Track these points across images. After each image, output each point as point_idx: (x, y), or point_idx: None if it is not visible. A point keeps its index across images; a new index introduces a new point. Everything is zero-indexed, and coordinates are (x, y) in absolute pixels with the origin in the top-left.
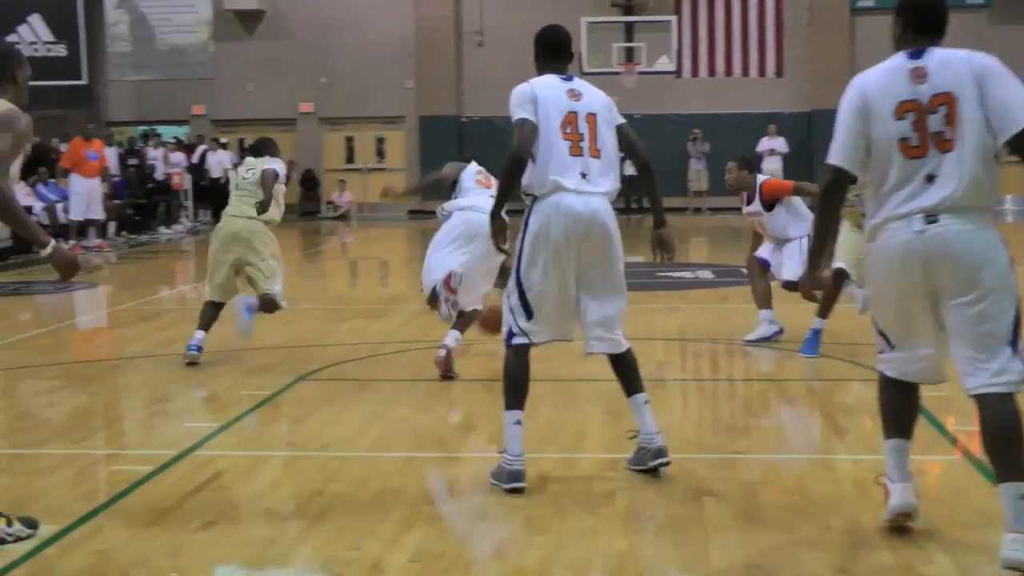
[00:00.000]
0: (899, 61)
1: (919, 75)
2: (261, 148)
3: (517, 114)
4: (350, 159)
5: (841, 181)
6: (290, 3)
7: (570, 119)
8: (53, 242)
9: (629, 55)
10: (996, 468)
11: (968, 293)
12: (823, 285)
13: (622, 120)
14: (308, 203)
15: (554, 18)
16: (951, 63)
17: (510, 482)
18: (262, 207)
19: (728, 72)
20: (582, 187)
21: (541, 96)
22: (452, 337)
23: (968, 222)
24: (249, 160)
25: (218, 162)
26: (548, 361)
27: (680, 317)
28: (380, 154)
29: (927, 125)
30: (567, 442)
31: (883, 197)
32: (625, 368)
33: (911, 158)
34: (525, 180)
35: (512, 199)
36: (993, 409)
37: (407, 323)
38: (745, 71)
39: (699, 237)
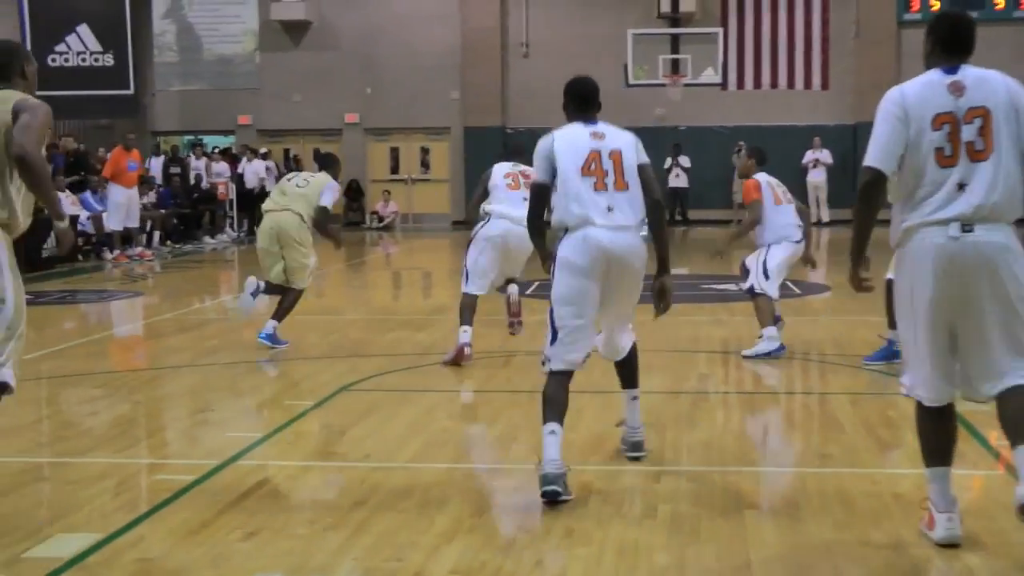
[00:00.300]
0: (936, 76)
1: (957, 88)
2: (326, 163)
3: (535, 176)
4: (395, 169)
5: (879, 182)
6: (336, 14)
7: (593, 157)
8: (68, 219)
9: (675, 67)
10: (1011, 435)
11: (998, 302)
12: (864, 287)
13: (645, 160)
14: (353, 213)
15: (600, 30)
16: (988, 80)
17: (540, 487)
18: (317, 224)
19: (774, 84)
20: (608, 220)
21: (558, 146)
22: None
23: (999, 232)
24: (306, 173)
25: (254, 172)
26: (590, 372)
27: (724, 330)
28: (425, 165)
29: (960, 136)
30: (609, 454)
31: (916, 203)
32: (624, 364)
33: (945, 167)
34: (555, 217)
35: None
36: (1020, 396)
37: (450, 334)
38: (791, 83)
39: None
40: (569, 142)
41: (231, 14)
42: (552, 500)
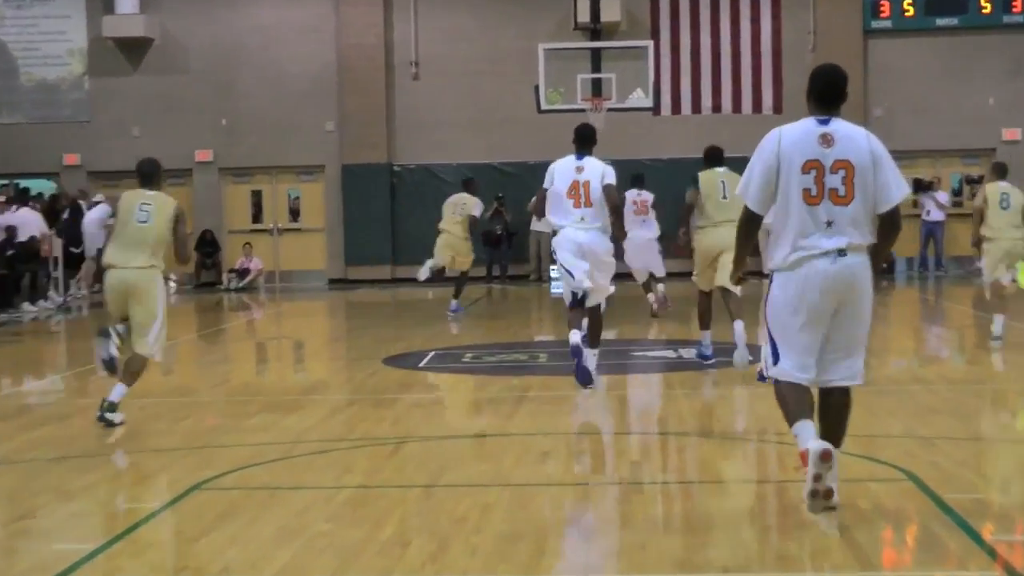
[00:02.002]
0: (811, 125)
1: (826, 140)
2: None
3: (545, 184)
4: (258, 217)
5: (756, 219)
6: (183, 29)
7: (574, 184)
8: None
9: (597, 88)
10: (825, 431)
11: (855, 309)
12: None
13: (609, 181)
14: (206, 272)
15: (506, 45)
16: (853, 137)
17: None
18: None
19: (716, 108)
20: (579, 225)
21: (558, 171)
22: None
23: (861, 256)
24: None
25: (92, 222)
26: (499, 461)
27: (663, 405)
28: (294, 212)
29: (825, 181)
30: (523, 561)
31: (793, 236)
32: (590, 320)
33: (811, 205)
34: (550, 219)
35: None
36: (835, 396)
37: (328, 418)
38: (737, 106)
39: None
40: (561, 171)
41: (53, 30)
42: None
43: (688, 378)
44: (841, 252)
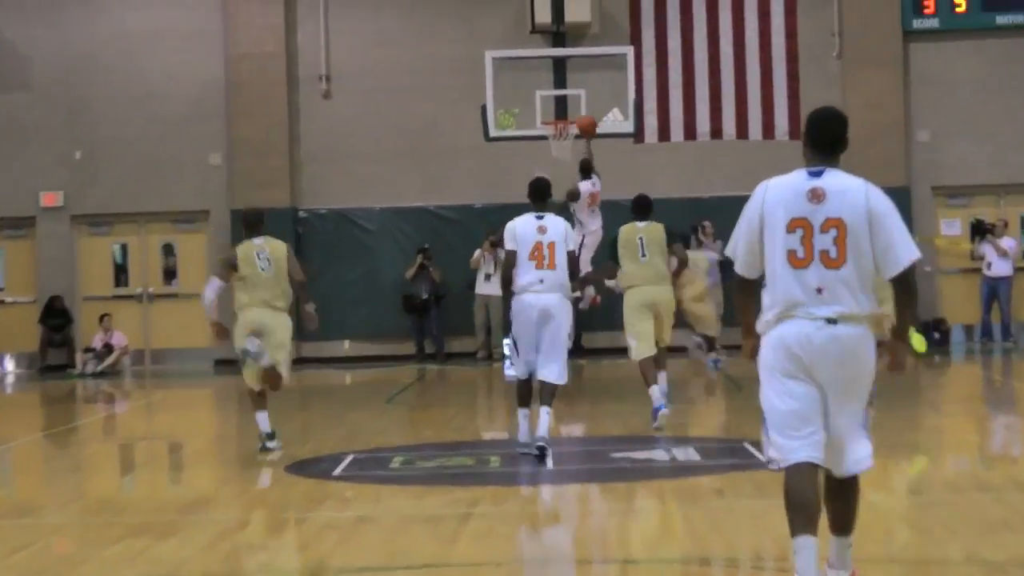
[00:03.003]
0: (800, 179)
1: (816, 196)
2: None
3: (505, 245)
4: (121, 280)
5: (751, 283)
6: (23, 34)
7: (537, 246)
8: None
9: (561, 108)
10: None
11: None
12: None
13: (572, 246)
14: (55, 351)
15: (444, 53)
16: (848, 192)
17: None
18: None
19: (716, 133)
20: (537, 288)
21: (520, 232)
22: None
23: (857, 325)
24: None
25: None
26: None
27: (642, 523)
28: (170, 272)
29: (814, 242)
30: None
31: (779, 302)
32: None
33: (797, 268)
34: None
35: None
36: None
37: (213, 544)
38: (743, 131)
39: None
40: (524, 232)
41: None
42: None
43: (683, 488)
44: (831, 321)
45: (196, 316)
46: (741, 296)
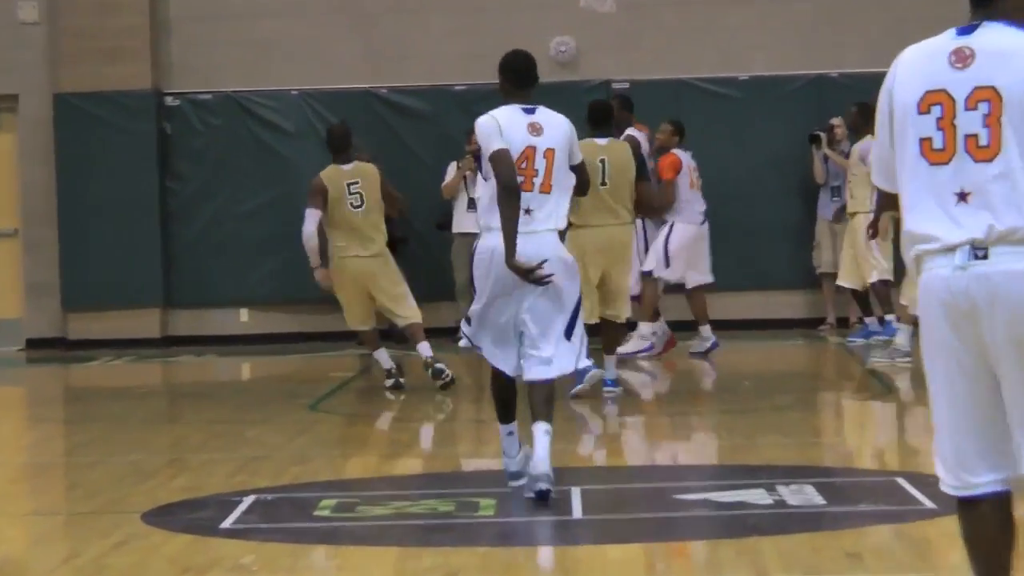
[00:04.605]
0: (944, 38)
1: (962, 58)
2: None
3: (492, 146)
4: None
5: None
6: None
7: (527, 154)
8: None
9: None
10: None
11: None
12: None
13: (580, 158)
14: None
15: None
16: (1009, 50)
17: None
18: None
19: None
20: (525, 225)
21: (504, 128)
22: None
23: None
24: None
25: None
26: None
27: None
28: None
29: (956, 123)
30: None
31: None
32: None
33: (933, 165)
34: (480, 215)
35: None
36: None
37: None
38: None
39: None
40: (508, 127)
41: None
42: None
43: (799, 553)
44: (978, 248)
45: (5, 259)
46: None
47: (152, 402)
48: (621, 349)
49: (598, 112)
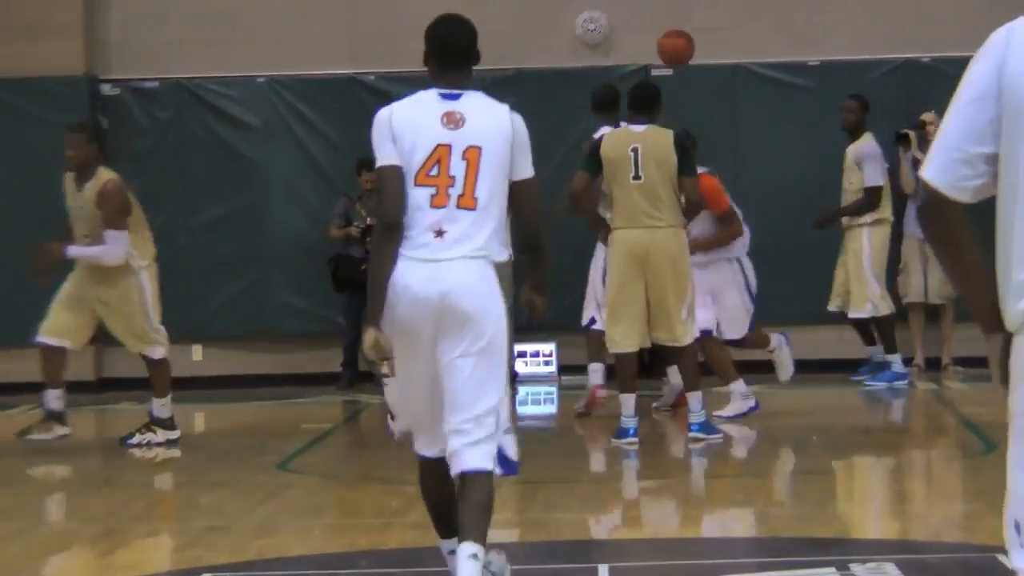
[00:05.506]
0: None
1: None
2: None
3: (378, 157)
4: None
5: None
6: None
7: (439, 155)
8: None
9: None
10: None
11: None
12: None
13: (526, 171)
14: None
15: None
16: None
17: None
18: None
19: None
20: (433, 252)
21: (398, 127)
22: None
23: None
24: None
25: None
26: None
27: None
28: None
29: None
30: None
31: None
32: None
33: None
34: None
35: None
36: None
37: None
38: None
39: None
40: (413, 125)
41: None
42: None
43: None
44: None
45: None
46: (934, 230)
47: (84, 459)
48: (719, 413)
49: (640, 94)
